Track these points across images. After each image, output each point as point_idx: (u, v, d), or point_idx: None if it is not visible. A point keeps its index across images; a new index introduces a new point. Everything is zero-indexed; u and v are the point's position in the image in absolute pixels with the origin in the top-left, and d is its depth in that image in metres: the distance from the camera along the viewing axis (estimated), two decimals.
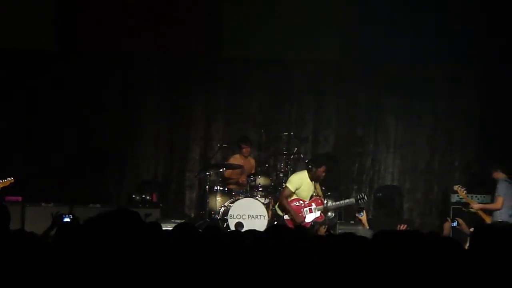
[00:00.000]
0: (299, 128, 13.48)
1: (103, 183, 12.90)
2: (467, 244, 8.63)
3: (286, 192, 10.91)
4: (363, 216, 10.03)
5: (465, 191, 11.20)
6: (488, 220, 10.66)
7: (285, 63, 13.47)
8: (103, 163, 13.19)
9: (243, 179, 12.08)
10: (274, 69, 13.49)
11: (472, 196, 11.61)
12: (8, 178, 10.60)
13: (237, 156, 12.42)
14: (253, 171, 12.29)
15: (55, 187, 12.32)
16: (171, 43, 13.20)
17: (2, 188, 10.57)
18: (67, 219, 6.42)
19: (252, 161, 12.51)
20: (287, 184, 10.95)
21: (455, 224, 10.52)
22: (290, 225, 10.54)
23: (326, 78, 13.53)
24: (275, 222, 10.76)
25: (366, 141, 13.69)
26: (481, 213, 10.75)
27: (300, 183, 10.90)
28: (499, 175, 10.88)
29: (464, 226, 10.48)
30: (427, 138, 13.62)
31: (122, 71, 13.41)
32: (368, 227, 9.41)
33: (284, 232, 4.47)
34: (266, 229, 5.04)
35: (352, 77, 13.40)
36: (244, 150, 12.34)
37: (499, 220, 10.49)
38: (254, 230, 4.90)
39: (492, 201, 11.34)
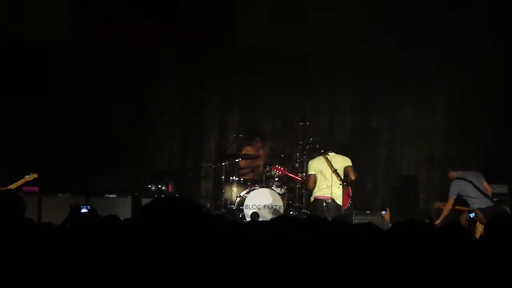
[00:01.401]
0: (315, 118, 13.46)
1: (118, 173, 12.93)
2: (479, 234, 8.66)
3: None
4: (386, 214, 10.04)
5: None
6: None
7: (300, 53, 13.44)
8: (118, 153, 13.22)
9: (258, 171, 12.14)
10: (289, 59, 13.47)
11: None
12: (31, 173, 10.64)
13: (249, 147, 12.46)
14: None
15: (71, 177, 12.37)
16: (186, 33, 13.21)
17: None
18: (84, 210, 6.46)
19: (263, 154, 12.52)
20: (351, 164, 10.57)
21: (472, 215, 10.51)
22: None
23: (342, 68, 13.48)
24: (353, 217, 10.38)
25: (381, 131, 13.65)
26: (466, 219, 10.81)
27: None
28: (452, 174, 10.99)
29: (481, 217, 10.47)
30: (443, 128, 13.58)
31: (136, 60, 13.40)
32: (389, 223, 9.42)
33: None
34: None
35: (367, 68, 13.36)
36: (256, 144, 12.37)
37: (484, 207, 10.54)
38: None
39: (510, 190, 11.49)
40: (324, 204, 10.12)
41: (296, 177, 11.51)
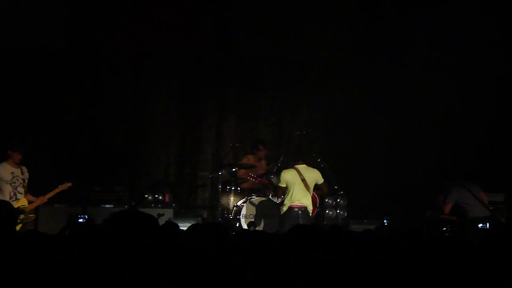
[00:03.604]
0: (311, 127, 13.45)
1: (115, 183, 12.93)
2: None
3: None
4: None
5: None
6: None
7: (297, 62, 13.46)
8: (115, 163, 13.22)
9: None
10: (285, 68, 13.50)
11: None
12: (66, 182, 10.75)
13: (250, 156, 12.46)
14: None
15: (69, 187, 12.35)
16: (182, 43, 13.24)
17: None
18: (81, 220, 6.46)
19: (264, 163, 12.54)
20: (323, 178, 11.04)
21: (481, 225, 10.52)
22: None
23: (338, 77, 13.48)
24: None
25: (378, 139, 13.61)
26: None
27: None
28: (449, 183, 11.25)
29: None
30: (440, 136, 13.56)
31: (133, 70, 13.43)
32: None
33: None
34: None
35: (363, 75, 13.37)
36: (260, 152, 12.39)
37: (481, 216, 10.63)
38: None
39: (506, 199, 11.54)
40: (300, 212, 10.43)
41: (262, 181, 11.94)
